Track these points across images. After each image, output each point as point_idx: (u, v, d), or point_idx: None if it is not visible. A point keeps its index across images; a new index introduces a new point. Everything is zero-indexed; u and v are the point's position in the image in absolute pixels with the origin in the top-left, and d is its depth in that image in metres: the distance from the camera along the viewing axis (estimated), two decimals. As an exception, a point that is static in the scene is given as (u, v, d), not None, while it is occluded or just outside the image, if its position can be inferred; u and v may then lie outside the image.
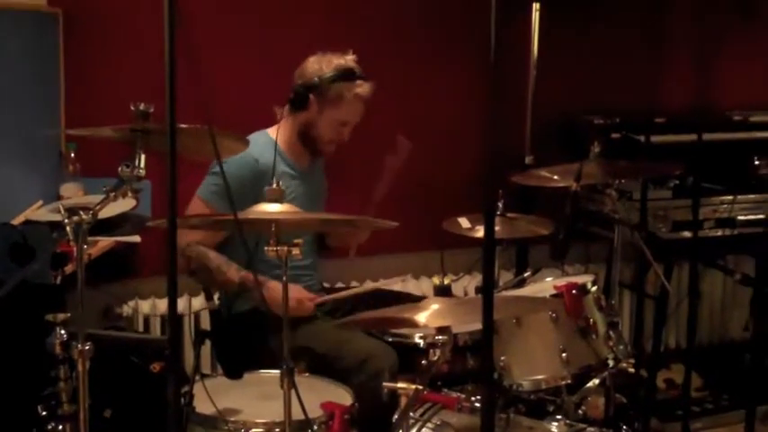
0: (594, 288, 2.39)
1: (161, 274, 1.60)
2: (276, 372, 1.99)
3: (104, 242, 2.95)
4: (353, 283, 3.72)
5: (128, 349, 2.43)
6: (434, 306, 1.97)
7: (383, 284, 3.05)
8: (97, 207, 1.92)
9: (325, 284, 3.13)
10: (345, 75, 2.73)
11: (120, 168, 1.94)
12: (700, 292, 3.82)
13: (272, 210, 1.94)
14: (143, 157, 1.95)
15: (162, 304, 3.40)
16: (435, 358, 1.90)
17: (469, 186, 3.56)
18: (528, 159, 3.69)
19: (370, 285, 3.13)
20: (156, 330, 3.43)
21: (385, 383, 1.86)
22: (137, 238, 3.00)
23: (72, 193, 3.21)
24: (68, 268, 2.57)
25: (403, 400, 1.80)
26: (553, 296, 2.33)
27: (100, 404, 2.84)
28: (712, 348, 4.28)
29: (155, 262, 3.30)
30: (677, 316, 3.99)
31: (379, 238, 3.43)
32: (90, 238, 2.11)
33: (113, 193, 1.94)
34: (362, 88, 2.75)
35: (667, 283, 3.23)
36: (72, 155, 3.20)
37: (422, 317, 1.91)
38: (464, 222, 2.92)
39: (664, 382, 3.84)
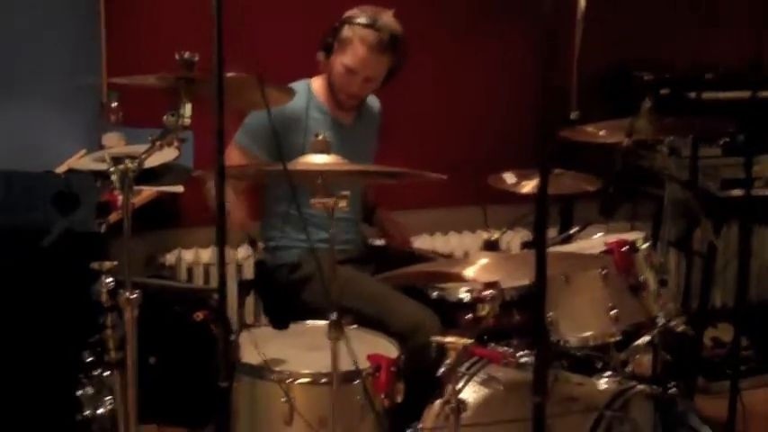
0: (646, 245, 2.34)
1: (204, 223, 1.58)
2: (322, 322, 1.97)
3: (148, 192, 2.94)
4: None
5: (172, 298, 2.43)
6: (483, 261, 1.94)
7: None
8: (143, 156, 1.90)
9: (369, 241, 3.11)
10: (358, 19, 2.70)
11: (165, 117, 1.91)
12: (750, 251, 3.74)
13: (318, 161, 1.91)
14: (188, 106, 1.92)
15: (204, 254, 3.40)
16: (484, 313, 1.87)
17: (513, 141, 3.50)
18: (573, 115, 3.61)
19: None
20: (199, 280, 3.43)
21: (433, 338, 1.83)
22: (180, 188, 2.99)
23: (114, 142, 3.20)
24: (112, 217, 2.57)
25: (450, 355, 1.77)
26: (603, 253, 2.28)
27: (144, 351, 2.87)
28: (760, 308, 4.20)
29: (197, 212, 3.29)
30: (724, 275, 3.93)
31: (420, 193, 3.40)
32: (134, 188, 2.10)
33: (159, 142, 1.91)
34: (367, 33, 2.68)
35: (715, 239, 3.16)
36: (114, 104, 3.18)
37: (470, 271, 1.88)
38: (509, 178, 2.87)
39: (710, 341, 3.79)
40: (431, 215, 3.73)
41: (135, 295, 1.90)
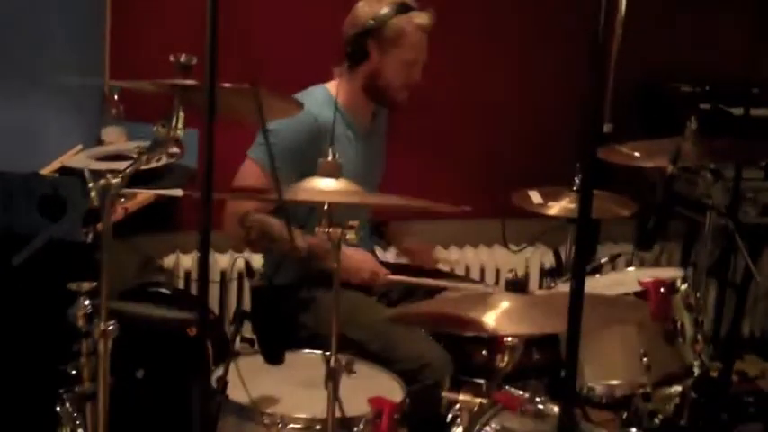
0: (684, 286, 2.12)
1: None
2: (320, 353, 1.77)
3: (144, 195, 2.74)
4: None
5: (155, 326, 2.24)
6: (505, 304, 1.72)
7: (464, 287, 2.70)
8: (127, 171, 1.70)
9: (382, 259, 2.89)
10: (401, 8, 2.47)
11: (155, 128, 1.70)
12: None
13: (326, 188, 1.69)
14: (182, 115, 1.70)
15: (204, 260, 3.22)
16: (503, 365, 1.65)
17: (533, 154, 3.30)
18: (606, 128, 3.38)
19: (448, 283, 2.66)
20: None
21: (445, 393, 1.62)
22: (179, 192, 2.78)
23: (114, 137, 3.02)
24: (101, 226, 2.37)
25: (463, 416, 1.56)
26: (637, 293, 2.06)
27: (132, 364, 2.66)
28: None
29: (198, 215, 3.10)
30: (754, 304, 3.72)
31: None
32: (128, 191, 1.89)
33: (145, 156, 1.70)
34: (422, 18, 2.49)
35: (754, 269, 2.94)
36: (115, 97, 2.99)
37: (490, 318, 1.66)
38: (535, 197, 2.66)
39: (736, 375, 3.55)
40: (445, 227, 3.53)
41: (110, 327, 1.69)
